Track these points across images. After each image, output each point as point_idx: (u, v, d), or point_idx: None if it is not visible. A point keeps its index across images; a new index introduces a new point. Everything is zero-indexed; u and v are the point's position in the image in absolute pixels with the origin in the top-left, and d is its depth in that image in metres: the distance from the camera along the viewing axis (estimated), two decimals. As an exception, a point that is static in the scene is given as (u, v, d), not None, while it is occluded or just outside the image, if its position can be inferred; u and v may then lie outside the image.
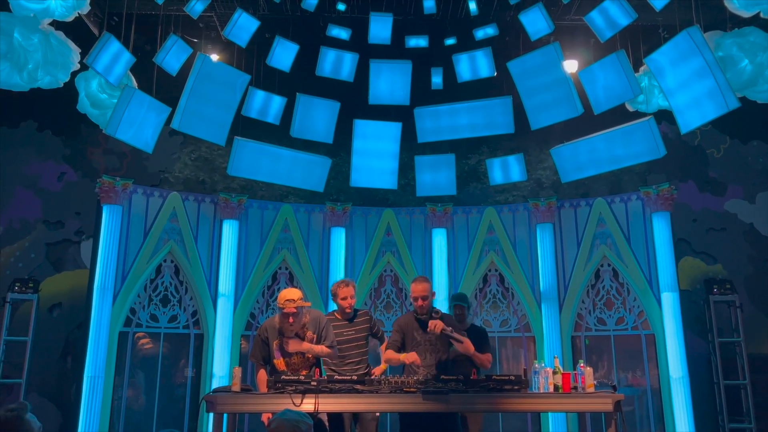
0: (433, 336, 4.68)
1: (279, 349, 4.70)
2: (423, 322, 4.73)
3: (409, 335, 4.77)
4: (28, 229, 7.76)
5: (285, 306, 4.54)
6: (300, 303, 4.57)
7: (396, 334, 4.82)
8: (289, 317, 4.54)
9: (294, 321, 4.57)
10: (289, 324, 4.58)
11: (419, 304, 4.75)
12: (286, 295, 4.59)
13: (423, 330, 4.71)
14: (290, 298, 4.55)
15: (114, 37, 6.21)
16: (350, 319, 5.08)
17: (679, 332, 6.91)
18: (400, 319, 4.95)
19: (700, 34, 5.78)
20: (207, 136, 6.60)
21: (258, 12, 7.14)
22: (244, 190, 7.89)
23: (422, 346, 4.72)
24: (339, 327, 4.98)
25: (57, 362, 7.43)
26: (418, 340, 4.73)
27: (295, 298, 4.56)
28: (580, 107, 6.42)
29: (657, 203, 7.23)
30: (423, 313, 4.76)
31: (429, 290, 4.79)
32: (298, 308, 4.55)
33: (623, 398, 4.25)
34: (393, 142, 6.99)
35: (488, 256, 7.73)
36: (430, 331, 4.58)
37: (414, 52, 7.05)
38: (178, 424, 6.91)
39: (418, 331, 4.75)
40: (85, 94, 6.77)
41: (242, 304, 7.39)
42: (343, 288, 5.05)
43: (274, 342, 4.71)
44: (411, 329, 4.78)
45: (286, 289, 4.81)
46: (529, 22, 6.48)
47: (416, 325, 4.78)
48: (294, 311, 4.54)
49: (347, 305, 5.04)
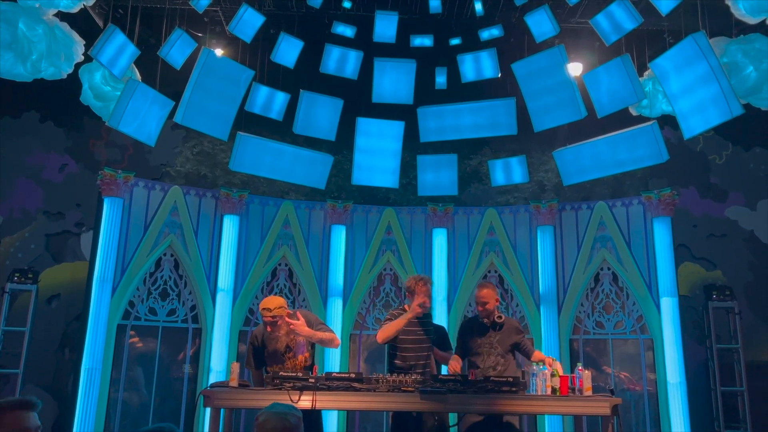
0: (495, 340, 4.81)
1: (270, 358, 4.71)
2: (485, 327, 4.86)
3: (472, 340, 4.87)
4: (28, 220, 7.75)
5: (263, 314, 4.60)
6: (277, 312, 4.54)
7: (459, 338, 4.99)
8: (267, 326, 4.59)
9: (272, 330, 4.58)
10: (269, 332, 4.61)
11: (480, 310, 4.85)
12: (264, 304, 4.60)
13: (485, 335, 4.83)
14: (266, 307, 4.56)
15: (119, 29, 6.21)
16: (421, 318, 4.81)
17: (678, 338, 6.91)
18: (466, 325, 5.16)
19: (706, 40, 5.78)
20: (210, 130, 6.60)
21: (263, 8, 7.14)
22: (246, 186, 7.88)
23: (483, 348, 4.82)
24: (408, 324, 4.72)
25: (55, 353, 7.43)
26: (480, 343, 4.83)
27: (271, 307, 4.54)
28: (584, 110, 6.42)
29: (658, 208, 7.23)
30: (485, 317, 4.85)
31: (490, 296, 4.83)
32: (274, 317, 4.54)
33: (621, 402, 4.25)
34: (395, 141, 6.99)
35: (488, 257, 7.73)
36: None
37: (419, 52, 7.04)
38: (174, 418, 6.90)
39: (480, 336, 4.85)
40: (89, 85, 6.76)
41: (241, 300, 7.39)
42: (422, 286, 4.75)
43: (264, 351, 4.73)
44: (474, 334, 4.89)
45: (267, 297, 4.80)
46: (535, 24, 6.47)
47: (479, 330, 4.89)
48: (270, 320, 4.55)
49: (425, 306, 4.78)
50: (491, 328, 4.84)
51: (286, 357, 4.67)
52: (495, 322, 4.82)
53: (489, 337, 4.80)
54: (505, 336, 4.81)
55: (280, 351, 4.66)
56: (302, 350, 4.71)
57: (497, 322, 4.81)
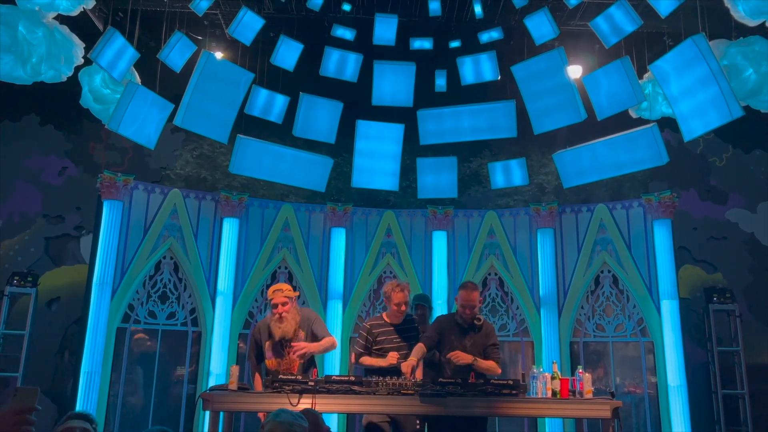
0: (469, 343, 4.70)
1: (271, 350, 4.74)
2: (462, 328, 4.75)
3: (446, 338, 4.75)
4: (28, 223, 7.75)
5: (274, 296, 4.67)
6: (288, 293, 4.69)
7: (433, 331, 4.80)
8: (278, 306, 4.64)
9: (283, 311, 4.63)
10: (278, 316, 4.63)
11: (467, 313, 4.72)
12: (275, 287, 4.75)
13: (461, 336, 4.72)
14: (278, 288, 4.71)
15: (118, 32, 6.22)
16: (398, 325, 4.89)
17: (678, 340, 6.89)
18: (443, 320, 4.94)
19: (706, 42, 5.78)
20: (209, 133, 6.60)
21: (263, 11, 7.14)
22: (245, 189, 7.88)
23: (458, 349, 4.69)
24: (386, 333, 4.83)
25: (54, 357, 7.41)
26: (455, 345, 4.70)
27: (283, 288, 4.70)
28: (584, 113, 6.42)
29: (658, 210, 7.22)
30: (467, 319, 4.74)
31: (478, 299, 4.78)
32: (287, 297, 4.66)
33: (621, 405, 4.23)
34: (395, 143, 6.99)
35: (488, 260, 7.72)
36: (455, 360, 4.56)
37: (418, 54, 7.04)
38: (174, 421, 6.88)
39: (456, 336, 4.74)
40: (89, 88, 6.76)
41: (241, 303, 7.38)
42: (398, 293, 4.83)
43: (266, 342, 4.74)
44: (450, 332, 4.76)
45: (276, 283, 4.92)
46: (534, 26, 6.48)
47: (456, 329, 4.76)
48: (283, 300, 4.64)
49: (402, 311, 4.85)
50: (470, 329, 4.76)
51: (286, 350, 4.69)
52: (474, 324, 4.75)
53: (466, 339, 4.72)
54: (481, 339, 4.75)
55: (288, 338, 4.68)
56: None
57: (476, 324, 4.75)
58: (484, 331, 4.76)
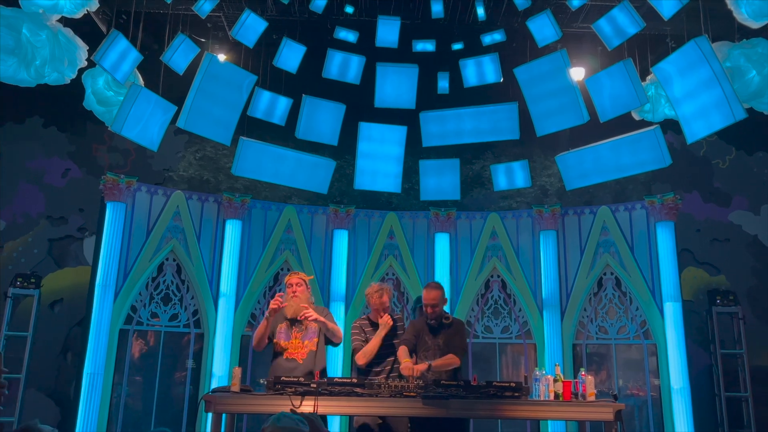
0: (442, 341, 4.80)
1: (283, 332, 4.90)
2: (433, 327, 4.87)
3: (421, 339, 4.88)
4: (31, 225, 7.76)
5: (289, 277, 4.99)
6: (303, 276, 5.01)
7: (409, 334, 4.92)
8: (293, 286, 4.89)
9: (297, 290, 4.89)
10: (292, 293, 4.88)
11: (429, 312, 4.85)
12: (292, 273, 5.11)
13: (433, 335, 4.85)
14: (294, 272, 5.15)
15: (122, 34, 6.22)
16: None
17: (681, 343, 6.88)
18: (416, 322, 5.07)
19: (708, 44, 5.78)
20: (212, 135, 6.61)
21: (266, 13, 7.15)
22: (248, 191, 7.88)
23: (432, 350, 4.81)
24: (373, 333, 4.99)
25: (57, 358, 7.43)
26: (429, 344, 4.84)
27: (298, 272, 5.15)
28: (586, 115, 6.42)
29: (661, 213, 7.20)
30: (433, 318, 4.87)
31: (439, 298, 4.86)
32: (302, 279, 4.96)
33: (624, 408, 4.23)
34: (398, 145, 7.00)
35: (491, 262, 7.71)
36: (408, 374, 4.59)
37: (421, 57, 7.04)
38: (176, 423, 6.89)
39: (428, 336, 4.87)
40: (92, 91, 6.77)
41: (243, 305, 7.38)
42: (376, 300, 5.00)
43: (279, 325, 4.92)
44: (423, 333, 4.89)
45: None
46: (537, 28, 6.48)
47: (427, 330, 4.89)
48: (298, 280, 4.93)
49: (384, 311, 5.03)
50: (440, 328, 4.87)
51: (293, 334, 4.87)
52: (443, 323, 4.86)
53: (438, 337, 4.83)
54: (451, 335, 4.85)
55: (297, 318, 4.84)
56: (311, 336, 4.88)
57: (445, 323, 4.87)
58: (454, 328, 4.88)
